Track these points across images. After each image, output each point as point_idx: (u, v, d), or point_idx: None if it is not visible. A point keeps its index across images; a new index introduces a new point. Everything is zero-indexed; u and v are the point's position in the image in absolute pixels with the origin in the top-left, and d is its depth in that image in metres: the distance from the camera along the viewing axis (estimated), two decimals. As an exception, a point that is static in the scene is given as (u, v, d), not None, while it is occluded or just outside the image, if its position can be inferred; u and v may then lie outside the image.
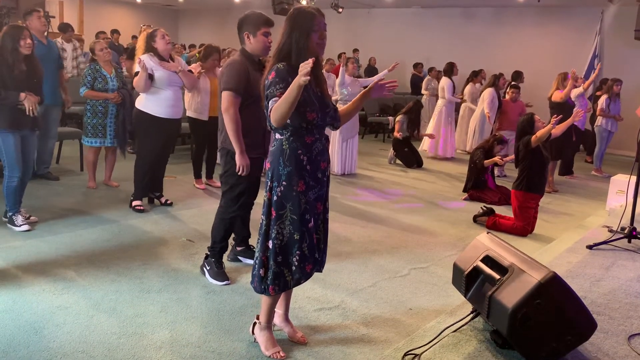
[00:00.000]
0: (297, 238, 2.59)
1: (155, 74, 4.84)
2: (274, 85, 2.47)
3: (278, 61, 2.53)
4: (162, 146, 5.12)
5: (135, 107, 5.07)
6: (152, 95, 4.91)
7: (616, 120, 8.66)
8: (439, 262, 4.32)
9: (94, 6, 16.30)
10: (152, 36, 4.89)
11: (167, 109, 4.95)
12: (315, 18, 2.54)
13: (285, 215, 2.59)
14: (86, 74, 5.51)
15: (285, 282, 2.66)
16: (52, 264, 3.78)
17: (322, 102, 2.63)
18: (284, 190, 2.57)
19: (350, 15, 14.91)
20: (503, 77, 8.70)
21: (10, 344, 2.73)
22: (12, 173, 4.37)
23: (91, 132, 5.59)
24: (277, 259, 2.62)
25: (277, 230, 2.60)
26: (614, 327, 2.83)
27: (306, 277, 2.68)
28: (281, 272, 2.64)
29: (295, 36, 2.52)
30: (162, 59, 4.92)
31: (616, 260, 3.93)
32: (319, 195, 2.66)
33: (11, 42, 4.19)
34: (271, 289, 2.65)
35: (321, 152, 2.65)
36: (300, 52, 2.52)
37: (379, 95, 2.78)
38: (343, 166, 7.47)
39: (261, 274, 2.66)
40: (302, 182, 2.57)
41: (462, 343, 2.62)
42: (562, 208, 6.46)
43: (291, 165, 2.56)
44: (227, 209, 3.63)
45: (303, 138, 2.57)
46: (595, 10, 12.11)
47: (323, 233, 2.77)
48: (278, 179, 2.58)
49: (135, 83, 4.83)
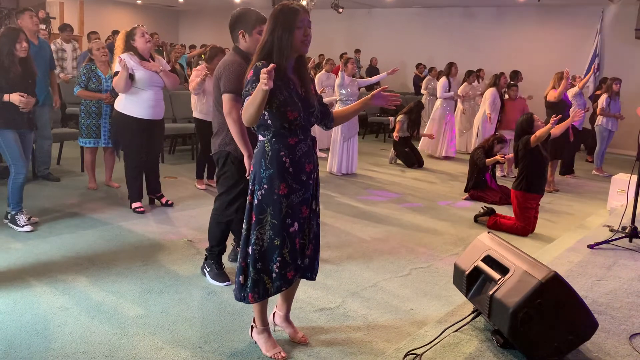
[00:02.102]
0: (278, 244, 2.52)
1: (136, 74, 4.73)
2: (250, 84, 2.41)
3: (260, 59, 2.46)
4: (148, 148, 5.03)
5: (114, 109, 4.98)
6: (132, 96, 4.80)
7: (617, 119, 8.65)
8: (439, 262, 4.32)
9: (94, 7, 16.32)
10: (131, 34, 4.77)
11: (148, 110, 4.85)
12: (298, 14, 2.45)
13: (265, 219, 2.52)
14: (81, 73, 5.53)
15: (265, 289, 2.59)
16: (53, 264, 3.79)
17: (306, 102, 2.55)
18: (264, 194, 2.50)
19: (351, 15, 14.92)
20: (504, 76, 8.67)
21: (12, 345, 2.73)
22: (19, 169, 4.39)
23: (85, 133, 5.59)
24: (256, 265, 2.55)
25: (256, 235, 2.53)
26: (615, 326, 2.83)
27: (288, 284, 2.59)
28: (260, 279, 2.57)
29: (278, 33, 2.44)
30: (143, 58, 4.81)
31: (617, 260, 3.92)
32: (304, 198, 2.57)
33: (7, 45, 4.21)
34: (250, 297, 2.59)
35: (306, 154, 2.56)
36: (282, 50, 2.44)
37: (380, 104, 2.75)
38: (344, 166, 7.48)
39: (241, 281, 2.60)
40: (284, 185, 2.49)
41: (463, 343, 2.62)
42: (563, 208, 6.45)
43: (273, 168, 2.48)
44: (223, 212, 3.57)
45: (286, 139, 2.49)
46: (595, 10, 12.11)
47: (311, 238, 2.69)
48: (259, 182, 2.52)
49: (115, 83, 4.72)
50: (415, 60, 13.96)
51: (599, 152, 8.90)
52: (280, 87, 2.45)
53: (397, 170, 8.22)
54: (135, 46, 4.77)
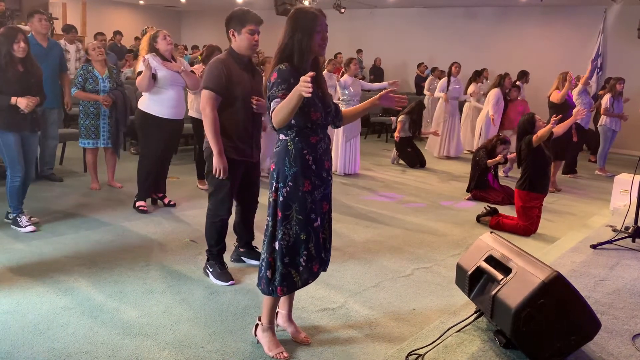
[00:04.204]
0: (304, 238, 2.60)
1: (159, 74, 4.86)
2: (277, 86, 2.48)
3: (280, 62, 2.54)
4: (164, 147, 5.12)
5: (137, 107, 5.08)
6: (155, 95, 4.92)
7: (621, 119, 8.63)
8: (442, 262, 4.31)
9: (96, 8, 16.35)
10: (154, 37, 4.94)
11: (169, 110, 4.97)
12: (317, 19, 2.54)
13: (291, 215, 2.59)
14: (78, 74, 5.55)
15: (293, 282, 2.66)
16: (56, 265, 3.79)
17: (324, 102, 2.64)
18: (290, 191, 2.58)
19: (353, 15, 14.91)
20: (509, 77, 8.63)
21: (15, 345, 2.74)
22: (14, 172, 4.39)
23: (84, 133, 5.62)
24: (284, 260, 2.62)
25: (283, 231, 2.60)
26: (618, 326, 2.82)
27: (314, 276, 2.70)
28: (289, 273, 2.64)
29: (298, 37, 2.52)
30: (165, 59, 4.95)
31: (620, 260, 3.91)
32: (325, 194, 2.69)
33: (5, 45, 4.22)
34: (279, 290, 2.66)
35: (325, 152, 2.68)
36: (302, 53, 2.53)
37: (387, 105, 2.81)
38: (346, 166, 7.47)
39: (268, 276, 2.66)
40: (308, 182, 2.58)
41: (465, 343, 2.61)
42: (566, 207, 6.44)
43: (297, 166, 2.57)
44: (215, 212, 3.59)
45: (308, 138, 2.58)
46: (598, 9, 12.08)
47: (328, 232, 2.79)
48: (284, 179, 2.59)
49: (138, 82, 4.84)
50: (417, 60, 13.95)
51: (602, 152, 8.87)
52: None
53: (400, 170, 8.22)
54: (158, 48, 4.92)
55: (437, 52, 14.09)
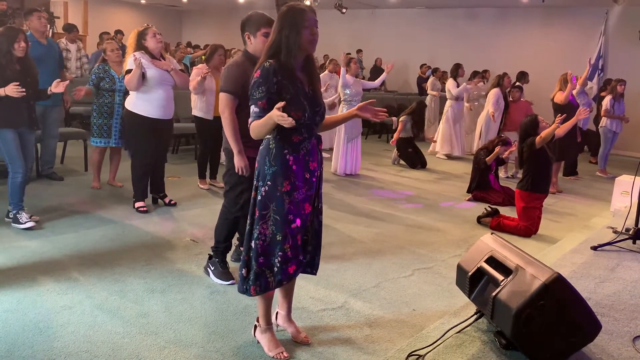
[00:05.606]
0: (280, 239, 2.56)
1: (147, 73, 4.79)
2: (256, 88, 2.48)
3: (267, 58, 2.52)
4: (155, 147, 5.05)
5: (125, 107, 5.02)
6: (143, 94, 4.84)
7: (622, 121, 8.62)
8: (442, 262, 4.31)
9: (98, 7, 16.36)
10: (143, 34, 4.84)
11: (158, 109, 4.89)
12: (305, 14, 2.51)
13: (268, 215, 2.57)
14: (93, 72, 5.56)
15: (267, 282, 2.63)
16: (56, 263, 3.79)
17: (313, 101, 2.60)
18: (268, 190, 2.55)
19: (354, 15, 14.91)
20: (508, 76, 8.65)
21: (15, 344, 2.74)
22: (15, 168, 4.40)
23: (97, 132, 5.61)
24: (258, 259, 2.59)
25: (259, 230, 2.58)
26: (618, 328, 2.82)
27: (289, 278, 2.65)
28: (262, 272, 2.61)
29: (285, 33, 2.49)
30: (154, 57, 4.87)
31: (621, 262, 3.91)
32: (307, 196, 2.62)
33: (6, 44, 4.24)
34: (252, 290, 2.63)
35: (310, 152, 2.61)
36: (290, 49, 2.49)
37: (365, 117, 2.76)
38: (347, 167, 7.47)
39: (243, 274, 2.65)
40: (287, 183, 2.54)
41: (465, 344, 2.61)
42: (567, 209, 6.44)
43: (276, 165, 2.53)
44: (230, 209, 3.63)
45: (290, 137, 2.54)
46: (600, 11, 12.07)
47: (313, 234, 2.73)
48: (263, 178, 2.57)
49: (127, 81, 4.77)
50: (418, 60, 13.94)
51: (603, 153, 8.87)
52: (286, 86, 2.50)
53: (401, 170, 8.21)
54: (146, 45, 4.84)
55: (438, 52, 14.09)
